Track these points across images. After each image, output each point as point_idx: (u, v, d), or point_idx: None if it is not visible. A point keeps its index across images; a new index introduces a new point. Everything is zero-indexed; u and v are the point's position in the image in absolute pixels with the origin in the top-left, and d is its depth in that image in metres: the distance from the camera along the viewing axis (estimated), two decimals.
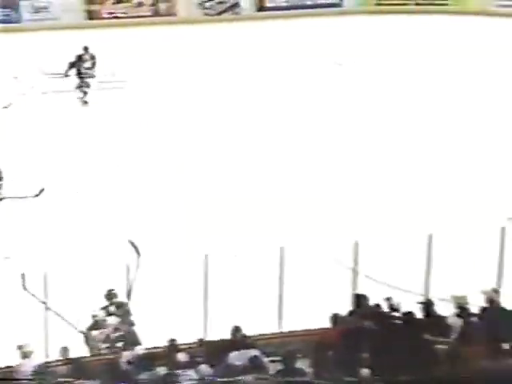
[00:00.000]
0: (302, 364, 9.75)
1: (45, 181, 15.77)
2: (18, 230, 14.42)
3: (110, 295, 11.84)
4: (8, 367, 10.50)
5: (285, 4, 25.94)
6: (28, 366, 10.02)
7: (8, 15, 24.94)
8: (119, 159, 16.97)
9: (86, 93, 19.75)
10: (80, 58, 19.87)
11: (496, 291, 11.22)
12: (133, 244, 12.75)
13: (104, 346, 11.47)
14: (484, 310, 10.47)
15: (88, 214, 14.92)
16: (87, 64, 19.86)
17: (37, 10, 25.06)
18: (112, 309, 11.79)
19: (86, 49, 19.98)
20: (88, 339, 11.57)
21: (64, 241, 14.04)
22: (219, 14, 25.57)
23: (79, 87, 19.76)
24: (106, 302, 11.83)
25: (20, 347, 10.51)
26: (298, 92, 20.14)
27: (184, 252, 12.72)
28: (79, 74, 19.81)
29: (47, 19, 24.91)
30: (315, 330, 10.73)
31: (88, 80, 19.82)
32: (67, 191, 15.77)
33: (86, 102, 19.70)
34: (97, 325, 11.65)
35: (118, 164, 16.72)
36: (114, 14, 25.44)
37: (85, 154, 17.17)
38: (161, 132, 18.07)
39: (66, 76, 19.88)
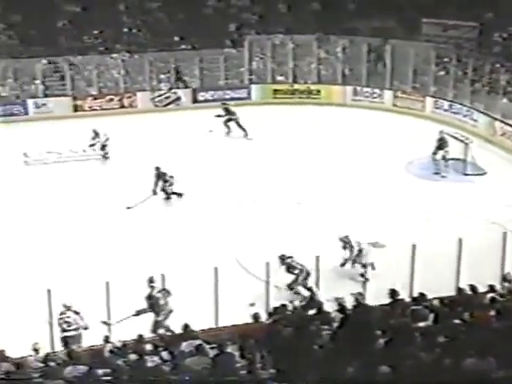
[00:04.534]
0: (232, 349, 9.59)
1: None
2: None
3: None
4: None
5: (211, 98, 25.82)
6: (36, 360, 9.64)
7: (18, 110, 24.40)
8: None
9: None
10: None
11: (361, 294, 11.28)
12: None
13: None
14: (355, 307, 10.47)
15: None
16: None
17: (38, 106, 24.61)
18: None
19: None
20: None
21: None
22: (166, 105, 25.40)
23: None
24: None
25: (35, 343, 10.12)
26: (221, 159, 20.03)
27: None
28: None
29: (46, 112, 24.36)
30: (241, 324, 10.61)
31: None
32: None
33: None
34: None
35: None
36: (93, 107, 25.07)
37: None
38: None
39: None
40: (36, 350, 9.95)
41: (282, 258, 12.76)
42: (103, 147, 20.26)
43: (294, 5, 26.81)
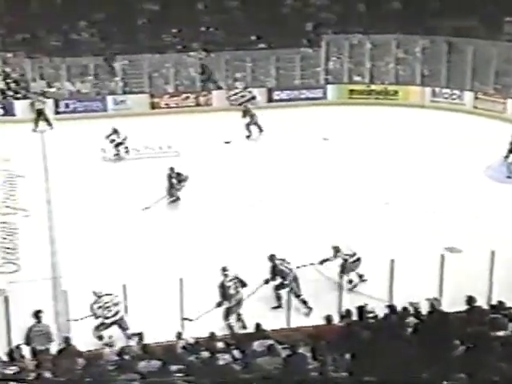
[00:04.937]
0: (304, 350, 9.57)
1: None
2: None
3: None
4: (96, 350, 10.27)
5: (286, 97, 25.92)
6: (112, 352, 9.83)
7: (98, 106, 24.99)
8: None
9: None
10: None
11: (437, 299, 11.12)
12: None
13: None
14: (430, 312, 10.30)
15: None
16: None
17: (117, 103, 25.15)
18: None
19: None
20: None
21: None
22: (241, 104, 25.51)
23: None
24: None
25: (110, 337, 10.31)
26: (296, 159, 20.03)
27: None
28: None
29: (124, 109, 24.87)
30: (313, 326, 10.57)
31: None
32: None
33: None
34: None
35: None
36: (169, 105, 25.43)
37: None
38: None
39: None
40: (110, 344, 10.15)
41: (271, 259, 12.44)
42: (118, 145, 20.12)
43: (374, 4, 26.56)
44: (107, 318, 11.15)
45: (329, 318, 10.39)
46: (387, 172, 18.86)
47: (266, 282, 12.16)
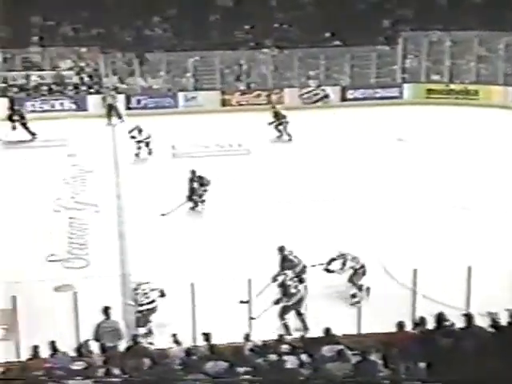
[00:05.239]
0: (375, 357, 9.42)
1: None
2: None
3: None
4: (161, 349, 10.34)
5: (361, 96, 25.70)
6: (179, 352, 9.88)
7: (169, 102, 25.26)
8: None
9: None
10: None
11: None
12: None
13: None
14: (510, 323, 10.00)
15: None
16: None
17: (188, 99, 25.39)
18: None
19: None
20: None
21: None
22: (314, 102, 25.41)
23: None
24: None
25: (174, 335, 10.36)
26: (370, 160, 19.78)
27: None
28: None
29: (195, 106, 25.10)
30: (384, 332, 10.40)
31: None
32: None
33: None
34: None
35: None
36: (240, 102, 25.52)
37: None
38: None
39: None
40: (177, 342, 10.21)
41: (281, 250, 12.57)
42: (140, 144, 20.01)
43: None
44: (143, 304, 11.37)
45: (401, 325, 10.19)
46: (466, 175, 18.43)
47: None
